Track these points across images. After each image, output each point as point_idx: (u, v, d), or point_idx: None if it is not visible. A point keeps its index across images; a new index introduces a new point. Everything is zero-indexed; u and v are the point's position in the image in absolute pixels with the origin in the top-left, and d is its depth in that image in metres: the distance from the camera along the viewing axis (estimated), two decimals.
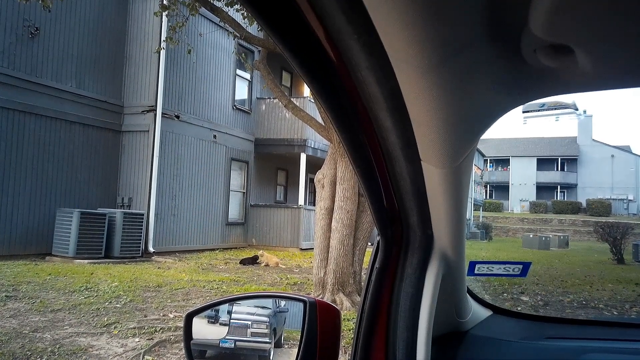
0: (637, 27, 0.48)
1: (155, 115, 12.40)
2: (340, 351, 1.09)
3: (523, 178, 50.63)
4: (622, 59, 0.55)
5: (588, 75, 0.58)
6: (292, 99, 10.45)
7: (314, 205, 10.43)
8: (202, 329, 1.25)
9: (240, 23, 8.99)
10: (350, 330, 5.12)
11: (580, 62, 0.54)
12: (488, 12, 0.50)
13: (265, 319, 1.27)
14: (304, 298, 1.10)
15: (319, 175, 7.49)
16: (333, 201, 7.17)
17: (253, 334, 1.25)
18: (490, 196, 51.69)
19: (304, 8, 0.54)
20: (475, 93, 0.63)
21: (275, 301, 1.37)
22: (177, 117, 13.19)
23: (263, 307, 1.30)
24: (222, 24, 11.23)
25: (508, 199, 51.03)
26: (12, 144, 10.34)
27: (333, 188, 7.23)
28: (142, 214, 11.68)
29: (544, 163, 50.91)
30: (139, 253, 11.40)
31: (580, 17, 0.47)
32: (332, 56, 0.61)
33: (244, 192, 16.21)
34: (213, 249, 14.26)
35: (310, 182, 16.96)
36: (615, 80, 0.62)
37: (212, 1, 8.91)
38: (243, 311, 1.29)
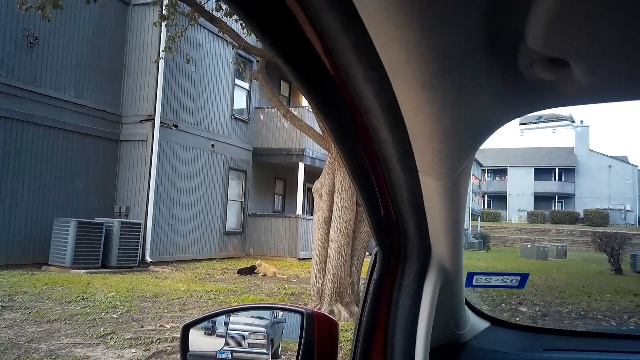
0: (633, 40, 0.48)
1: (154, 124, 12.41)
2: None
3: (521, 188, 50.69)
4: (618, 72, 0.56)
5: (584, 88, 0.59)
6: (290, 109, 10.47)
7: (312, 214, 10.41)
8: (199, 341, 1.24)
9: (239, 33, 9.04)
10: (348, 341, 5.09)
11: (576, 75, 0.55)
12: (485, 25, 0.50)
13: (263, 329, 1.26)
14: (302, 309, 1.10)
15: (317, 185, 7.49)
16: (331, 211, 7.17)
17: (250, 345, 1.25)
18: (488, 206, 51.71)
19: (301, 21, 0.54)
20: (472, 105, 0.64)
21: (273, 312, 1.36)
22: (176, 126, 13.21)
23: (260, 318, 1.30)
24: (220, 34, 11.27)
25: (506, 209, 51.05)
26: (10, 153, 10.33)
27: (331, 198, 7.23)
28: (140, 224, 11.65)
29: (541, 173, 51.01)
30: (136, 263, 11.34)
31: (576, 31, 0.47)
32: (329, 69, 0.61)
33: (241, 202, 16.19)
34: (210, 259, 14.21)
35: (308, 192, 16.95)
36: (612, 93, 0.62)
37: (211, 12, 8.96)
38: (240, 322, 1.29)
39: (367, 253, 7.48)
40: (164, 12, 10.01)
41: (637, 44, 0.49)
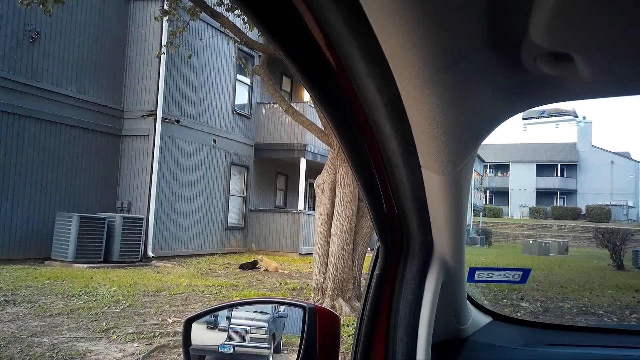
0: (637, 35, 0.48)
1: (155, 119, 12.41)
2: (339, 357, 1.08)
3: (523, 184, 50.65)
4: (622, 67, 0.56)
5: (588, 83, 0.58)
6: (292, 104, 10.47)
7: (314, 210, 10.42)
8: (201, 335, 1.25)
9: (241, 28, 9.02)
10: (349, 336, 5.10)
11: (580, 69, 0.54)
12: (488, 20, 0.50)
13: (264, 324, 1.26)
14: (303, 304, 1.10)
15: (318, 180, 7.49)
16: (333, 206, 7.17)
17: (252, 339, 1.25)
18: (490, 202, 51.70)
19: (305, 15, 0.54)
20: (476, 100, 0.63)
21: (275, 306, 1.36)
22: (177, 121, 13.21)
23: (262, 313, 1.30)
24: (222, 29, 11.26)
25: (508, 205, 51.01)
26: (12, 148, 10.34)
27: (333, 193, 7.23)
28: (142, 219, 11.67)
29: (543, 169, 50.94)
30: (138, 257, 11.37)
31: (580, 25, 0.47)
32: (332, 63, 0.61)
33: (243, 197, 16.21)
34: (212, 254, 14.24)
35: (310, 187, 16.95)
36: (615, 88, 0.62)
37: (212, 6, 8.94)
38: (242, 316, 1.29)
39: (369, 248, 7.48)
40: (165, 6, 10.00)
41: None
